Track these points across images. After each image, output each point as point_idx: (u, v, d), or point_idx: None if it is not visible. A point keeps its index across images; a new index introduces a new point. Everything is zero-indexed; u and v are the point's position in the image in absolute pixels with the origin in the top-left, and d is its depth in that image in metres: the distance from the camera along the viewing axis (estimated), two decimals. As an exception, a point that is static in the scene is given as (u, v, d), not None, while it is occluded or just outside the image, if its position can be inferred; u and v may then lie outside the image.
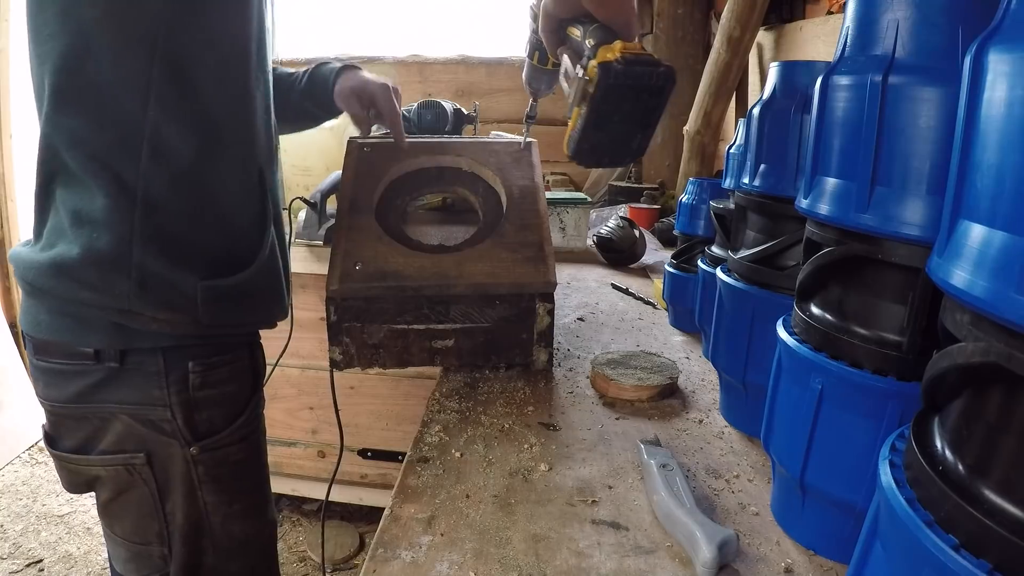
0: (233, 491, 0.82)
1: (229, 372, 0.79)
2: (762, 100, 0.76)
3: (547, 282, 0.91)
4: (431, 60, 2.90)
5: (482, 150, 1.06)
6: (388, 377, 1.75)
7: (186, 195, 0.72)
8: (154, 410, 0.74)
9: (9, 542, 1.99)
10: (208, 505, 0.80)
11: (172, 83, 0.69)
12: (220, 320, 0.75)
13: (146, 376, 0.73)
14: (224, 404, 0.79)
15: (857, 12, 0.52)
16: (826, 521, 0.58)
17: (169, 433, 0.75)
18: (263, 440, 0.90)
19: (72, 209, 0.69)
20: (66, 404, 0.74)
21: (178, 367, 0.74)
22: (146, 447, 0.75)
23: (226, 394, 0.79)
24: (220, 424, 0.78)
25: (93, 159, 0.68)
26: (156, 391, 0.73)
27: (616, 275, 1.62)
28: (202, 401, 0.76)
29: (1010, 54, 0.31)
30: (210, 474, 0.79)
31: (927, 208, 0.47)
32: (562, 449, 0.76)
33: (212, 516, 0.81)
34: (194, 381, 0.75)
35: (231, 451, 0.80)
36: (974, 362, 0.33)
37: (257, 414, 0.86)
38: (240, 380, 0.81)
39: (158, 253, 0.70)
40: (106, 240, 0.68)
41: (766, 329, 0.70)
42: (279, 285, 0.84)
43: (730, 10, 1.95)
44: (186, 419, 0.75)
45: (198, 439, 0.77)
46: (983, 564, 0.30)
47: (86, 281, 0.69)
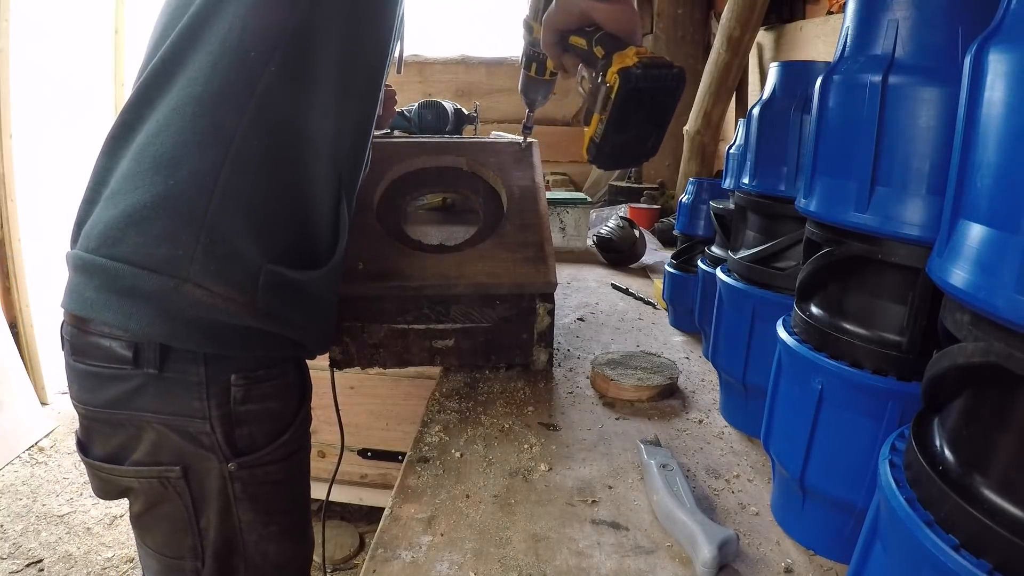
0: (271, 511, 0.78)
1: (273, 388, 0.75)
2: (762, 100, 0.76)
3: (547, 282, 0.91)
4: (431, 60, 2.91)
5: (482, 150, 1.06)
6: (388, 377, 1.75)
7: (278, 166, 0.69)
8: (192, 422, 0.70)
9: (9, 542, 1.99)
10: (243, 523, 0.76)
11: (301, 52, 0.67)
12: (274, 312, 0.70)
13: (186, 386, 0.69)
14: (267, 421, 0.75)
15: (857, 12, 0.52)
16: (826, 521, 0.58)
17: (207, 447, 0.71)
18: (307, 460, 0.86)
19: (155, 153, 0.65)
20: (101, 409, 0.71)
21: (220, 379, 0.70)
22: (183, 460, 0.72)
23: (270, 410, 0.75)
24: (261, 441, 0.74)
25: (197, 102, 0.65)
26: (196, 402, 0.70)
27: (616, 275, 1.62)
28: (244, 416, 0.72)
29: (1010, 54, 0.31)
30: (247, 492, 0.75)
31: (927, 208, 0.47)
32: (562, 449, 0.76)
33: (247, 535, 0.77)
34: (236, 395, 0.71)
35: (271, 470, 0.76)
36: (974, 362, 0.33)
37: (302, 433, 0.82)
38: (285, 397, 0.77)
39: (234, 217, 0.66)
40: (186, 187, 0.64)
41: (766, 329, 0.70)
42: (332, 308, 0.82)
43: (730, 10, 1.95)
44: (226, 433, 0.71)
45: (237, 455, 0.73)
46: (983, 564, 0.30)
47: (152, 233, 0.63)
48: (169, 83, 0.66)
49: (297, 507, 0.84)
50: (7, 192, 2.81)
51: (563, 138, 2.86)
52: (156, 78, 0.67)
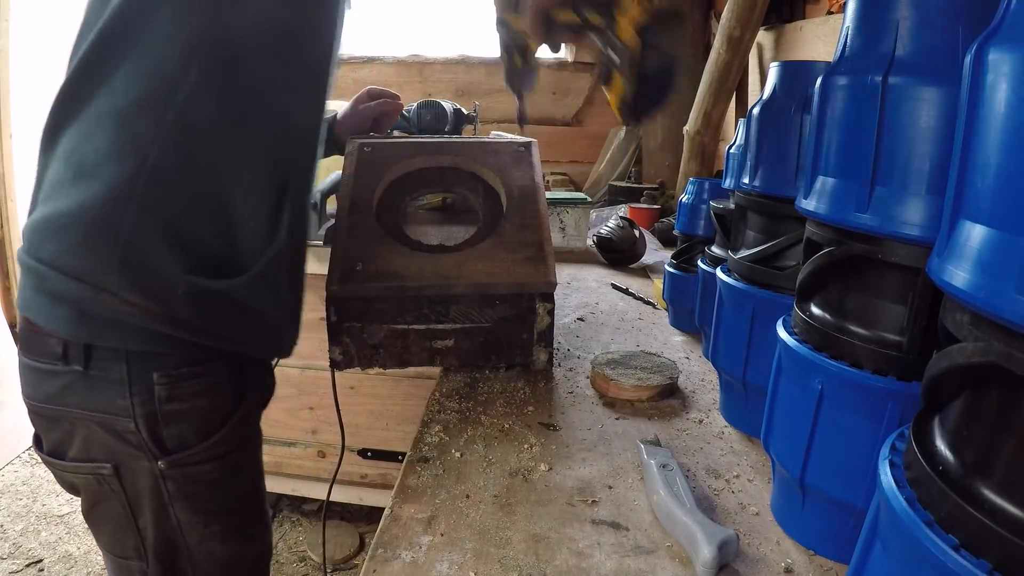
0: (210, 511, 0.77)
1: (200, 385, 0.73)
2: (762, 100, 0.76)
3: (547, 282, 0.91)
4: (431, 60, 2.90)
5: (482, 150, 1.06)
6: (388, 377, 1.75)
7: (199, 176, 0.68)
8: (119, 420, 0.70)
9: (9, 542, 1.99)
10: (182, 523, 0.75)
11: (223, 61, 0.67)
12: (196, 324, 0.69)
13: (111, 384, 0.69)
14: (196, 419, 0.73)
15: (857, 12, 0.52)
16: (826, 521, 0.58)
17: (135, 445, 0.71)
18: (252, 458, 0.84)
19: (78, 161, 0.65)
20: (41, 404, 0.72)
21: (144, 377, 0.69)
22: (114, 458, 0.71)
23: (198, 409, 0.73)
24: (191, 440, 0.73)
25: (116, 111, 0.65)
26: (120, 400, 0.69)
27: (616, 275, 1.62)
28: (170, 415, 0.71)
29: (1010, 54, 0.31)
30: (181, 491, 0.73)
31: (927, 208, 0.47)
32: (562, 449, 0.76)
33: (188, 535, 0.76)
34: (160, 393, 0.70)
35: (204, 469, 0.74)
36: (974, 362, 0.33)
37: (243, 434, 0.80)
38: (215, 395, 0.75)
39: (151, 228, 0.66)
40: (104, 198, 0.64)
41: (766, 329, 0.70)
42: (279, 311, 0.79)
43: (730, 10, 1.95)
44: (151, 432, 0.70)
45: (166, 454, 0.72)
46: (983, 564, 0.30)
47: (70, 241, 0.64)
48: (91, 89, 0.66)
49: (242, 506, 0.82)
50: (7, 192, 2.81)
51: (563, 138, 2.86)
52: (79, 83, 0.67)
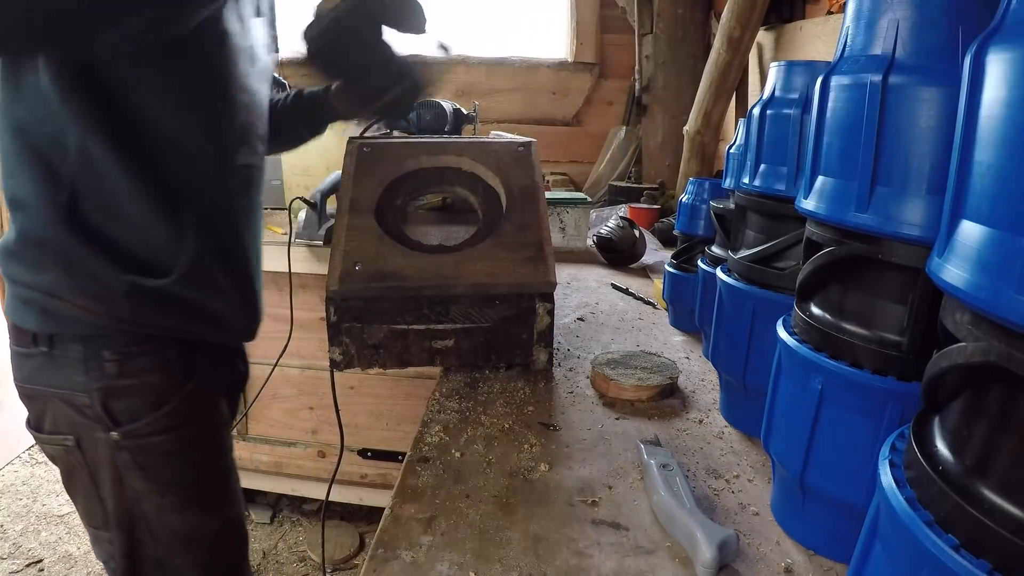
0: (164, 481, 0.83)
1: (148, 363, 0.80)
2: (762, 100, 0.76)
3: (547, 282, 0.91)
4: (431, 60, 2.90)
5: (482, 150, 1.06)
6: (388, 377, 1.75)
7: (109, 192, 0.75)
8: (77, 395, 0.78)
9: (9, 542, 1.99)
10: (138, 493, 0.82)
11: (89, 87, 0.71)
12: (140, 319, 0.77)
13: (70, 362, 0.77)
14: (145, 393, 0.80)
15: (857, 12, 0.52)
16: (826, 521, 0.58)
17: (92, 418, 0.79)
18: (210, 434, 0.90)
19: (10, 195, 0.75)
20: (23, 384, 0.81)
21: (97, 355, 0.77)
22: (75, 430, 0.80)
23: (147, 384, 0.80)
24: (141, 412, 0.80)
25: (29, 146, 0.72)
26: (78, 377, 0.77)
27: (616, 275, 1.62)
28: (122, 390, 0.79)
29: (1010, 54, 0.31)
30: (136, 461, 0.81)
31: (927, 208, 0.47)
32: (562, 449, 0.76)
33: (145, 505, 0.82)
34: (110, 369, 0.78)
35: (156, 440, 0.81)
36: (974, 362, 0.33)
37: (196, 409, 0.86)
38: (164, 372, 0.82)
39: (83, 241, 0.74)
40: (36, 223, 0.74)
41: (766, 329, 0.70)
42: (220, 303, 0.86)
43: (730, 10, 1.95)
44: (104, 406, 0.78)
45: (118, 425, 0.79)
46: (983, 564, 0.30)
47: (23, 262, 0.76)
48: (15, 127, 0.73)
49: (198, 478, 0.88)
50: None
51: (563, 138, 2.86)
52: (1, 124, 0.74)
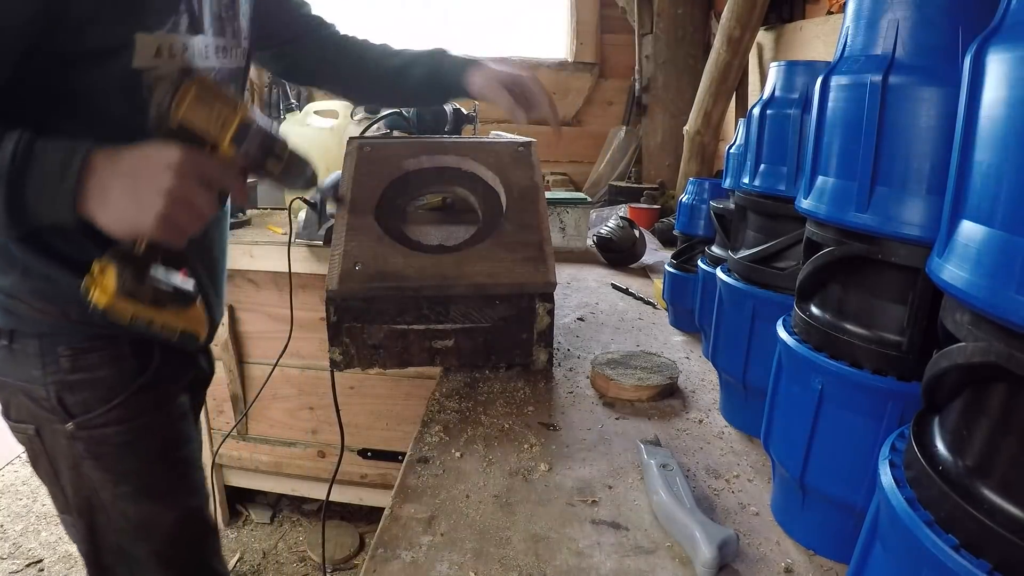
0: (117, 471, 0.86)
1: (101, 358, 0.83)
2: (762, 100, 0.76)
3: (547, 282, 0.91)
4: (431, 60, 2.90)
5: (482, 150, 1.06)
6: (388, 377, 1.75)
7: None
8: (34, 388, 0.81)
9: (9, 542, 1.99)
10: (95, 482, 0.85)
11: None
12: (89, 320, 0.77)
13: (28, 357, 0.81)
14: (98, 387, 0.83)
15: (857, 12, 0.52)
16: (826, 521, 0.58)
17: (49, 410, 0.82)
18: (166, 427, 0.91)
19: None
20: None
21: (53, 351, 0.81)
22: (35, 420, 0.83)
23: (99, 378, 0.83)
24: (94, 404, 0.83)
25: None
26: (35, 371, 0.81)
27: (616, 275, 1.62)
28: (76, 384, 0.82)
29: (1010, 54, 0.31)
30: (90, 451, 0.84)
31: (927, 208, 0.47)
32: (562, 449, 0.76)
33: (101, 493, 0.86)
34: (64, 364, 0.81)
35: (109, 432, 0.84)
36: (974, 362, 0.33)
37: (150, 402, 0.88)
38: (117, 366, 0.84)
39: (37, 252, 0.77)
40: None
41: (766, 329, 0.70)
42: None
43: (730, 10, 1.95)
44: (59, 398, 0.81)
45: (72, 417, 0.82)
46: (983, 564, 0.30)
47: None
48: None
49: (152, 469, 0.90)
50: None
51: (563, 138, 2.86)
52: None
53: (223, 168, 0.69)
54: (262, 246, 1.63)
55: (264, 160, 0.71)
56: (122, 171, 0.65)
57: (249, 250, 1.63)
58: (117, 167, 0.65)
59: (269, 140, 0.71)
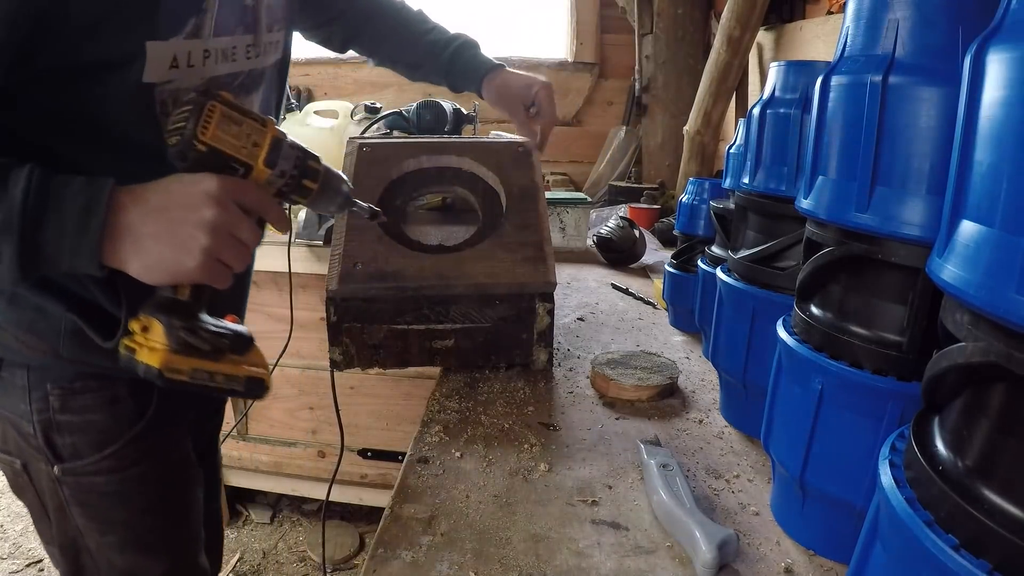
0: (105, 520, 0.78)
1: (94, 400, 0.74)
2: (762, 100, 0.76)
3: (547, 282, 0.91)
4: (431, 60, 2.90)
5: (482, 150, 1.06)
6: (388, 377, 1.75)
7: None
8: (22, 423, 0.74)
9: (9, 542, 1.99)
10: (80, 527, 0.78)
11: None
12: (83, 358, 0.71)
13: (15, 388, 0.73)
14: (89, 432, 0.75)
15: (857, 12, 0.52)
16: (826, 521, 0.58)
17: (35, 448, 0.75)
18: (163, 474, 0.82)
19: None
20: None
21: (40, 386, 0.73)
22: (22, 455, 0.76)
23: (91, 422, 0.74)
24: (84, 450, 0.75)
25: None
26: (22, 405, 0.73)
27: (616, 275, 1.62)
28: (64, 425, 0.74)
29: (1010, 54, 0.31)
30: (76, 498, 0.76)
31: (927, 208, 0.47)
32: (562, 449, 0.76)
33: (86, 539, 0.79)
34: (53, 403, 0.73)
35: (98, 481, 0.76)
36: (974, 362, 0.33)
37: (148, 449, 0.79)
38: (111, 411, 0.75)
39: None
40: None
41: (766, 329, 0.70)
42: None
43: (730, 10, 1.95)
44: (47, 439, 0.74)
45: (60, 460, 0.74)
46: (983, 564, 0.30)
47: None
48: None
49: (143, 520, 0.81)
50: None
51: (563, 138, 2.86)
52: None
53: (263, 193, 0.60)
54: (262, 246, 1.60)
55: (300, 180, 0.62)
56: (153, 209, 0.55)
57: (249, 250, 1.63)
58: (147, 205, 0.55)
59: (304, 157, 0.62)
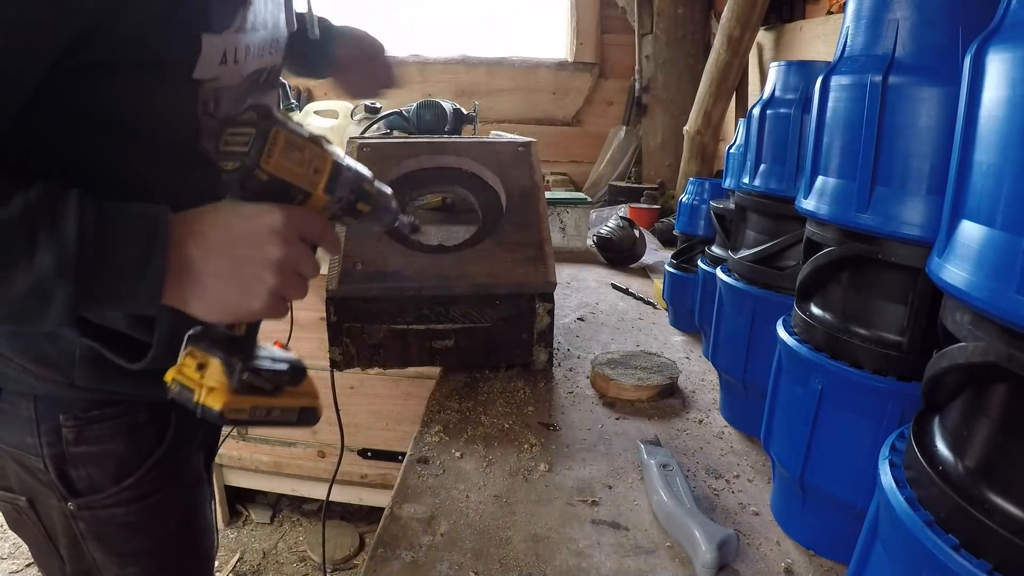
0: (125, 552, 0.73)
1: (113, 428, 0.69)
2: (762, 100, 0.76)
3: (547, 282, 0.91)
4: (431, 60, 2.90)
5: (482, 150, 1.06)
6: (388, 377, 1.75)
7: None
8: (28, 457, 0.68)
9: (9, 542, 1.99)
10: (96, 561, 0.73)
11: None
12: (101, 385, 0.66)
13: (20, 421, 0.67)
14: (107, 463, 0.69)
15: (857, 12, 0.52)
16: (826, 521, 0.57)
17: (45, 484, 0.69)
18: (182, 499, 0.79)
19: None
20: None
21: (51, 417, 0.67)
22: (28, 491, 0.70)
23: (109, 452, 0.69)
24: (103, 483, 0.69)
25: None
26: (29, 438, 0.67)
27: (616, 275, 1.62)
28: (79, 457, 0.68)
29: (1010, 54, 0.31)
30: (92, 532, 0.71)
31: (927, 208, 0.47)
32: (562, 449, 0.76)
33: (103, 572, 0.74)
34: (67, 435, 0.67)
35: (117, 512, 0.71)
36: (974, 362, 0.33)
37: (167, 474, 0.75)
38: (130, 437, 0.70)
39: None
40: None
41: (766, 329, 0.70)
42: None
43: (730, 10, 1.95)
44: (60, 473, 0.68)
45: (75, 495, 0.69)
46: (983, 564, 0.30)
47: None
48: None
49: (165, 548, 0.77)
50: None
51: (563, 138, 2.86)
52: None
53: (322, 221, 0.57)
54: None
55: (355, 204, 0.60)
56: (216, 246, 0.52)
57: (249, 250, 1.63)
58: (207, 241, 0.52)
59: (359, 179, 0.60)
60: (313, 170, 0.56)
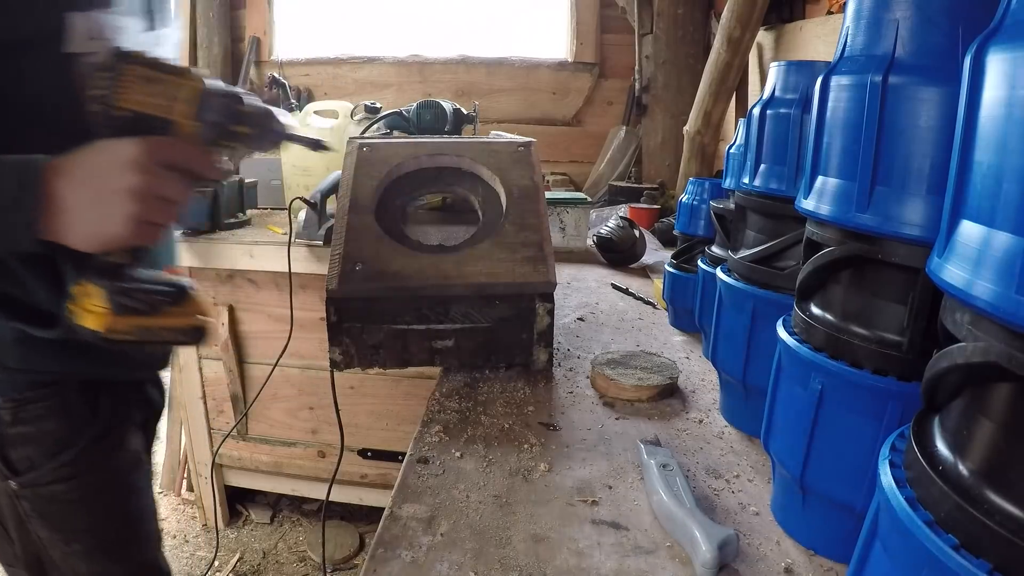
0: (68, 530, 0.78)
1: (46, 408, 0.73)
2: (762, 100, 0.76)
3: (547, 282, 0.91)
4: (431, 60, 2.91)
5: (482, 150, 1.06)
6: (388, 377, 1.75)
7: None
8: None
9: (9, 542, 1.99)
10: (43, 539, 0.77)
11: None
12: (33, 366, 0.70)
13: None
14: (44, 441, 0.74)
15: (857, 12, 0.52)
16: (826, 521, 0.58)
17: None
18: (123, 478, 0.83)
19: None
20: None
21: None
22: None
23: (45, 431, 0.74)
24: (40, 461, 0.74)
25: None
26: None
27: (616, 275, 1.62)
28: (16, 438, 0.73)
29: (1010, 54, 0.31)
30: (36, 510, 0.75)
31: (927, 208, 0.47)
32: (562, 449, 0.76)
33: (50, 551, 0.78)
34: (4, 417, 0.72)
35: (57, 489, 0.75)
36: (974, 362, 0.33)
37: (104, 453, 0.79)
38: (64, 416, 0.75)
39: None
40: None
41: (766, 329, 0.70)
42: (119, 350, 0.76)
43: (730, 10, 1.95)
44: (0, 455, 0.72)
45: (16, 474, 0.73)
46: (983, 564, 0.30)
47: None
48: None
49: (107, 526, 0.81)
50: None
51: (563, 138, 2.86)
52: None
53: (188, 148, 0.60)
54: (262, 246, 1.63)
55: (231, 126, 0.62)
56: (80, 180, 0.57)
57: (249, 250, 1.63)
58: (73, 177, 0.57)
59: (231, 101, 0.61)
60: (173, 98, 0.58)
